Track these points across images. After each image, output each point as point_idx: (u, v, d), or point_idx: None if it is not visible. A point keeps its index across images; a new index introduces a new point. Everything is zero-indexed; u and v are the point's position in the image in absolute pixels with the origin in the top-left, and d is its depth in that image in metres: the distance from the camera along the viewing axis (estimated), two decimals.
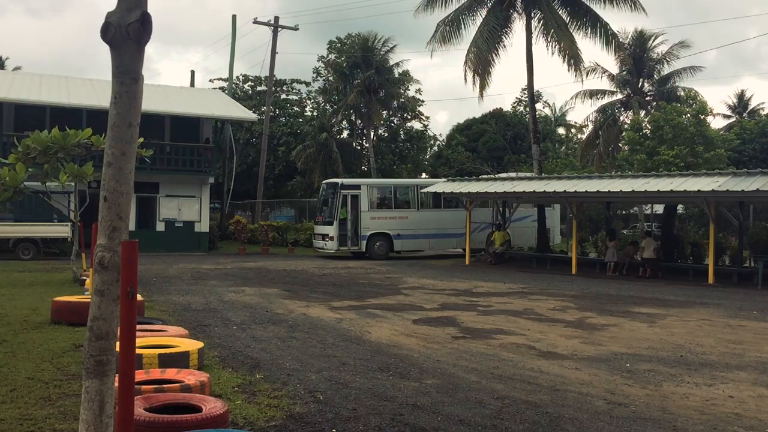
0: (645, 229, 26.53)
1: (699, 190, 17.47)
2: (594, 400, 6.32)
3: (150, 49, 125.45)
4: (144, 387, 5.33)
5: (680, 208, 25.85)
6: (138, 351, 6.42)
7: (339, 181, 27.06)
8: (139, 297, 10.67)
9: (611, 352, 8.74)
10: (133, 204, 28.11)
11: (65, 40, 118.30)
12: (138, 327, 8.08)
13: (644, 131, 23.86)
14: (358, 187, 26.61)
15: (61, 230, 23.86)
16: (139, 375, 5.82)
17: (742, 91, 48.72)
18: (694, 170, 20.45)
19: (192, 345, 6.91)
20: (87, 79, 33.13)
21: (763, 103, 57.15)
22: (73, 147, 15.55)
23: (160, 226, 29.42)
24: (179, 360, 6.55)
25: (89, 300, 8.24)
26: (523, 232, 27.57)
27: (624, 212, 36.53)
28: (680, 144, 22.40)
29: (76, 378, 6.48)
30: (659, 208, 34.39)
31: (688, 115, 23.73)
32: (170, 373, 5.94)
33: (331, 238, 25.68)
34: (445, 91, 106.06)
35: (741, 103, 50.94)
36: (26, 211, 24.30)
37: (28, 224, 23.37)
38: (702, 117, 23.84)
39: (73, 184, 16.09)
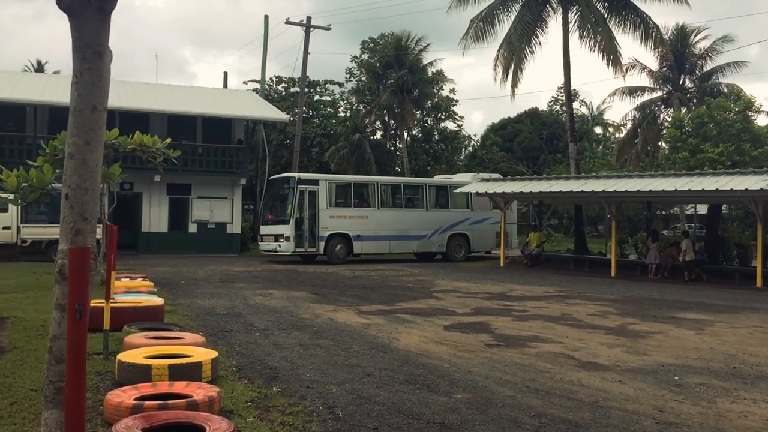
0: (683, 230, 25.57)
1: (746, 189, 16.60)
2: (641, 420, 5.73)
3: (186, 52, 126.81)
4: (147, 403, 4.92)
5: (724, 208, 24.85)
6: (147, 361, 6.05)
7: (295, 175, 24.52)
8: (160, 300, 10.39)
9: (657, 363, 8.11)
10: (165, 205, 28.57)
11: None
12: (154, 334, 7.76)
13: (687, 128, 22.91)
14: (316, 182, 24.07)
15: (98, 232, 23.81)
16: (145, 388, 5.43)
17: None
18: (740, 168, 19.52)
19: (205, 355, 6.49)
20: (119, 81, 33.20)
21: None
22: None
23: (192, 228, 29.31)
24: (191, 371, 6.13)
25: (107, 305, 7.93)
26: (481, 235, 26.68)
27: (664, 212, 35.45)
28: (725, 141, 21.43)
29: None
30: (701, 209, 33.37)
31: (735, 110, 22.73)
32: (179, 386, 5.52)
33: (287, 239, 23.02)
34: (479, 91, 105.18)
35: None
36: (59, 212, 24.32)
37: (59, 226, 23.32)
38: (748, 113, 22.82)
39: (101, 185, 15.81)
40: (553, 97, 54.33)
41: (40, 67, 55.26)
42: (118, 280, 13.45)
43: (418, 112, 48.00)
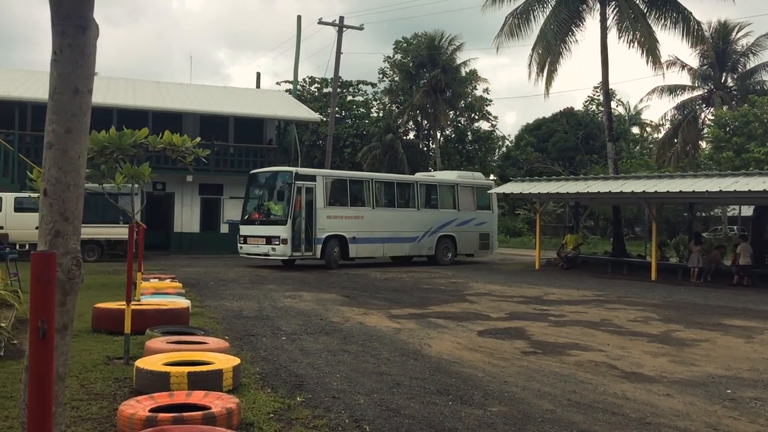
0: (740, 233, 24.69)
1: None
2: None
3: (221, 54, 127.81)
4: (161, 415, 4.61)
5: None
6: (166, 368, 5.77)
7: (293, 169, 21.77)
8: (185, 303, 10.15)
9: (707, 374, 7.60)
10: (197, 206, 28.54)
11: (141, 46, 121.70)
12: (177, 338, 7.48)
13: (730, 127, 22.09)
14: (313, 178, 21.41)
15: (125, 232, 23.83)
16: (162, 398, 5.13)
17: None
18: None
19: (227, 362, 6.18)
20: (153, 82, 33.36)
21: None
22: (129, 147, 15.31)
23: (224, 228, 29.23)
24: (211, 379, 5.83)
25: (131, 307, 7.70)
26: (467, 237, 25.25)
27: (703, 214, 34.48)
28: None
29: (99, 398, 5.84)
30: (745, 211, 32.31)
31: None
32: (197, 396, 5.21)
33: (283, 242, 20.22)
34: (513, 92, 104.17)
35: None
36: (93, 212, 24.39)
37: (92, 226, 23.40)
38: None
39: (130, 185, 15.68)
40: (588, 96, 53.37)
41: None
42: (146, 281, 13.33)
43: (451, 112, 47.53)
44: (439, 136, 47.76)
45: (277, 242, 20.35)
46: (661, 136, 42.29)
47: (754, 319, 12.41)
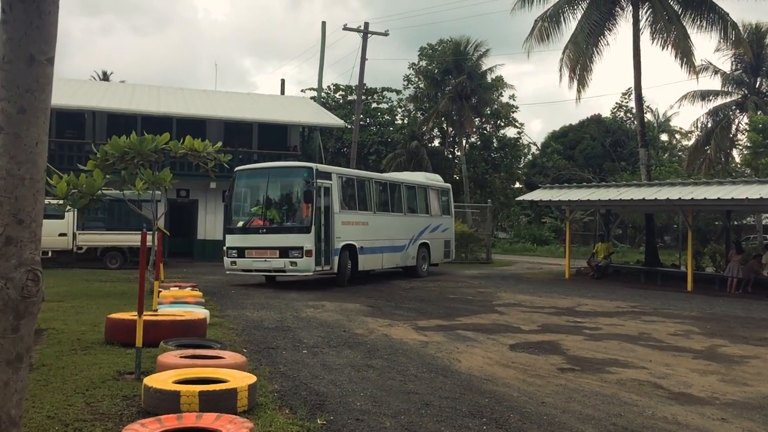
0: (766, 242, 23.82)
1: None
2: None
3: (247, 63, 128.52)
4: None
5: None
6: (176, 387, 5.33)
7: (313, 165, 17.65)
8: (203, 313, 9.73)
9: (762, 395, 7.00)
10: (221, 213, 28.10)
11: (167, 55, 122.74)
12: (191, 352, 7.03)
13: None
14: (329, 176, 17.82)
15: (149, 239, 23.59)
16: (170, 421, 4.69)
17: None
18: None
19: (242, 380, 5.72)
20: (178, 88, 33.27)
21: None
22: (150, 152, 14.99)
23: None
24: (224, 399, 5.37)
25: (144, 318, 7.28)
26: (438, 244, 23.22)
27: (736, 222, 33.48)
28: None
29: (104, 419, 5.40)
30: None
31: None
32: (207, 419, 4.75)
33: (308, 253, 16.52)
34: (539, 99, 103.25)
35: None
36: (116, 219, 24.21)
37: (115, 233, 23.22)
38: None
39: (151, 191, 15.37)
40: (616, 103, 52.43)
41: (105, 77, 56.27)
42: (166, 290, 12.97)
43: (476, 119, 46.93)
44: (464, 143, 47.17)
45: (299, 254, 16.51)
46: (691, 143, 41.33)
47: None
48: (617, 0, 24.94)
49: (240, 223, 17.76)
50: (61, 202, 13.79)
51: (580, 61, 24.50)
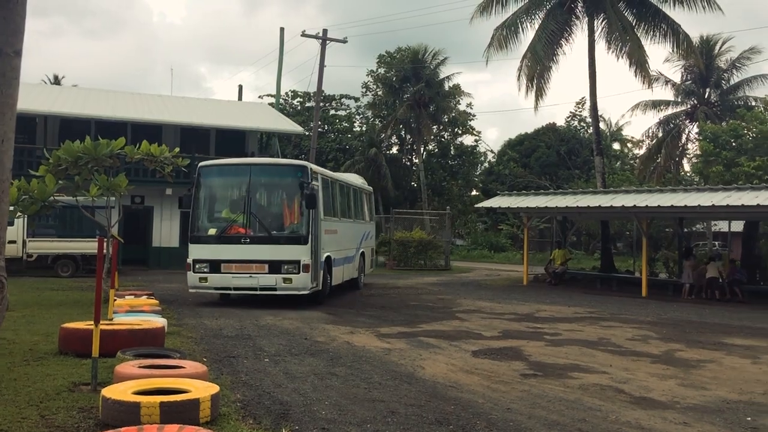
0: (718, 251, 24.42)
1: None
2: None
3: (203, 68, 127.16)
4: None
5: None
6: (136, 398, 5.16)
7: (307, 164, 15.49)
8: (161, 322, 9.50)
9: (721, 399, 7.11)
10: (177, 219, 27.77)
11: (120, 59, 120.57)
12: (150, 362, 6.84)
13: (722, 140, 21.80)
14: (316, 177, 15.29)
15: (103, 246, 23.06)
16: None
17: None
18: None
19: (205, 390, 5.58)
20: (133, 93, 32.68)
21: None
22: (105, 158, 14.64)
23: None
24: (186, 410, 5.22)
25: (101, 327, 7.06)
26: (368, 253, 21.18)
27: (685, 230, 34.31)
28: (763, 154, 20.34)
29: (60, 431, 5.20)
30: (723, 226, 32.06)
31: None
32: (169, 430, 4.60)
33: (305, 268, 14.10)
34: (494, 108, 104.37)
35: None
36: (68, 226, 23.60)
37: (67, 240, 22.62)
38: None
39: (106, 197, 14.99)
40: (571, 112, 53.30)
41: (56, 82, 55.03)
42: (121, 298, 12.64)
43: (434, 127, 47.21)
44: (422, 151, 47.38)
45: (294, 269, 14.03)
46: (643, 151, 42.21)
47: (755, 337, 12.00)
48: (573, 10, 25.39)
49: (213, 231, 14.67)
50: (11, 208, 13.37)
51: (537, 71, 24.85)
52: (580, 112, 52.30)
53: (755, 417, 6.41)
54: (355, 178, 22.34)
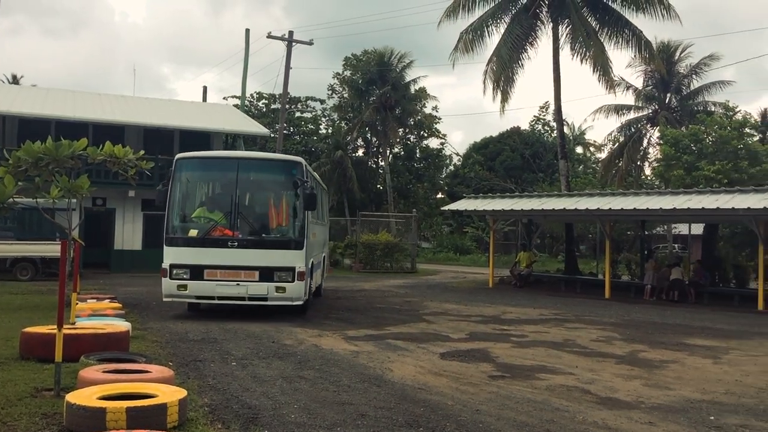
0: (678, 254, 24.92)
1: (749, 208, 15.93)
2: None
3: (165, 69, 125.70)
4: None
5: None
6: (102, 403, 5.07)
7: (301, 160, 13.88)
8: (125, 326, 9.35)
9: (684, 399, 7.24)
10: (140, 222, 27.36)
11: (82, 59, 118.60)
12: (115, 366, 6.71)
13: (682, 144, 22.25)
14: (308, 174, 13.82)
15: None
16: None
17: (765, 110, 46.48)
18: (739, 186, 18.88)
19: (172, 394, 5.49)
20: (95, 93, 32.14)
21: None
22: (66, 159, 14.34)
23: None
24: (153, 415, 5.14)
25: (64, 331, 6.90)
26: (325, 258, 19.28)
27: (646, 233, 34.96)
28: (722, 159, 20.81)
29: None
30: (683, 228, 32.77)
31: (730, 127, 22.17)
32: None
33: (300, 276, 12.80)
34: (459, 111, 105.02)
35: (765, 122, 48.54)
36: (27, 228, 23.10)
37: (26, 243, 22.13)
38: (745, 130, 22.27)
39: (67, 199, 14.68)
40: (535, 116, 53.88)
41: (15, 81, 53.85)
42: (83, 302, 12.42)
43: (400, 130, 47.34)
44: (388, 153, 47.47)
45: (288, 277, 12.68)
46: (605, 155, 42.88)
47: (715, 338, 12.25)
48: (538, 15, 25.69)
49: (194, 232, 13.09)
50: None
51: (503, 74, 25.08)
52: (544, 116, 52.93)
53: (718, 416, 6.53)
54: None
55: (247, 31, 37.20)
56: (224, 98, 52.59)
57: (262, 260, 12.66)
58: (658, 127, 34.47)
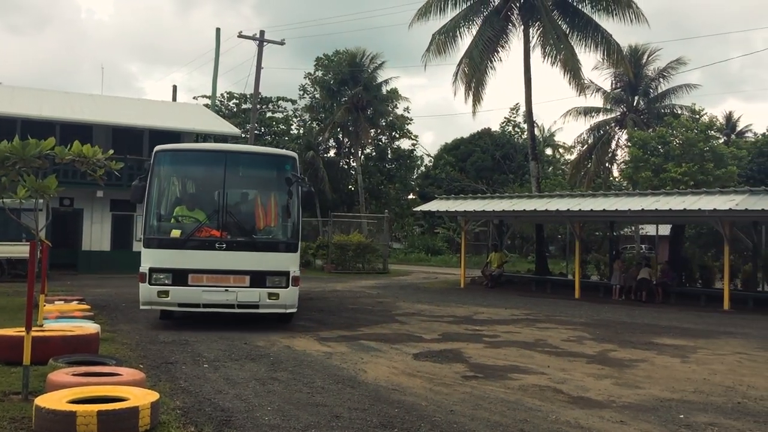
0: (646, 254, 25.30)
1: (715, 209, 16.24)
2: None
3: (133, 67, 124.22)
4: None
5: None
6: (72, 407, 4.99)
7: (294, 155, 12.99)
8: (94, 328, 9.21)
9: (654, 398, 7.34)
10: (108, 222, 27.00)
11: (47, 57, 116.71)
12: (85, 369, 6.62)
13: (650, 146, 22.60)
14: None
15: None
16: None
17: (730, 113, 47.57)
18: (705, 188, 19.23)
19: (144, 397, 5.43)
20: (62, 92, 31.63)
21: (750, 125, 56.48)
22: (33, 158, 14.12)
23: (137, 246, 27.64)
24: (125, 419, 5.07)
25: (32, 334, 6.78)
26: None
27: (614, 233, 35.42)
28: (689, 161, 21.17)
29: None
30: (651, 230, 33.30)
31: (696, 130, 22.59)
32: None
33: (295, 281, 11.75)
34: (430, 112, 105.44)
35: (729, 125, 49.52)
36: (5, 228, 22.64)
37: None
38: (710, 133, 22.70)
39: (34, 199, 14.41)
40: (505, 117, 54.33)
41: None
42: (51, 303, 12.20)
43: (372, 130, 47.35)
44: (360, 154, 47.46)
45: (282, 282, 11.57)
46: (574, 157, 43.37)
47: (682, 337, 12.43)
48: (509, 18, 25.88)
49: (177, 233, 11.77)
50: None
51: (475, 76, 25.22)
52: (515, 117, 53.36)
53: (687, 414, 6.64)
54: None
55: (218, 30, 37.00)
56: (194, 98, 52.19)
57: (254, 264, 11.51)
58: (626, 130, 34.98)
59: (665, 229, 25.55)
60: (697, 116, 26.79)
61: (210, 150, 13.88)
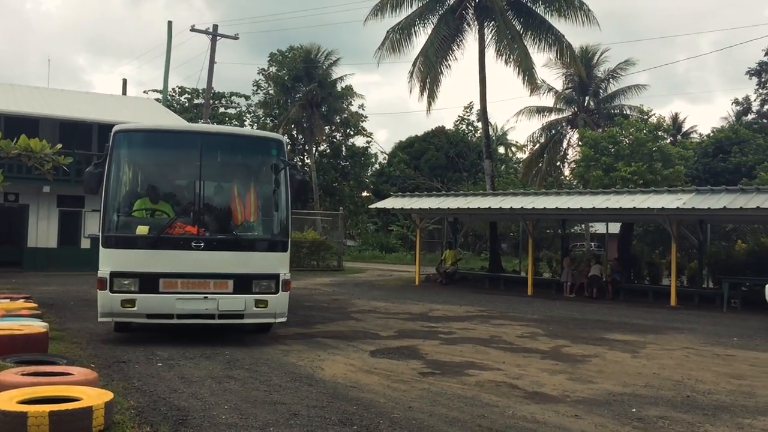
0: (596, 252, 25.82)
1: (663, 208, 16.65)
2: None
3: (81, 60, 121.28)
4: None
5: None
6: (22, 407, 4.85)
7: (281, 137, 11.33)
8: (43, 326, 8.95)
9: (607, 392, 7.49)
10: (55, 219, 26.31)
11: None
12: (34, 369, 6.44)
13: (601, 145, 23.06)
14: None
15: None
16: None
17: (676, 114, 48.95)
18: (654, 187, 19.70)
19: (97, 397, 5.30)
20: (6, 84, 30.69)
21: (695, 126, 58.29)
22: None
23: (85, 243, 27.05)
24: (78, 419, 4.94)
25: None
26: None
27: (566, 231, 36.06)
28: (638, 160, 21.67)
29: None
30: (599, 227, 34.05)
31: (645, 130, 23.13)
32: None
33: (286, 285, 9.93)
34: (384, 109, 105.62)
35: (675, 126, 50.91)
36: None
37: None
38: (659, 133, 23.26)
39: None
40: (459, 116, 54.75)
41: None
42: None
43: (327, 127, 47.24)
44: (314, 151, 47.26)
45: (271, 287, 9.79)
46: (526, 155, 43.99)
47: (632, 333, 12.71)
48: (464, 17, 26.07)
49: (144, 229, 9.84)
50: None
51: (430, 75, 25.34)
52: (469, 116, 53.81)
53: (639, 408, 6.79)
54: None
55: (170, 23, 36.32)
56: (144, 92, 51.26)
57: (238, 266, 9.71)
58: (577, 129, 35.61)
59: (615, 227, 26.12)
60: (646, 117, 27.44)
61: (182, 131, 11.90)
